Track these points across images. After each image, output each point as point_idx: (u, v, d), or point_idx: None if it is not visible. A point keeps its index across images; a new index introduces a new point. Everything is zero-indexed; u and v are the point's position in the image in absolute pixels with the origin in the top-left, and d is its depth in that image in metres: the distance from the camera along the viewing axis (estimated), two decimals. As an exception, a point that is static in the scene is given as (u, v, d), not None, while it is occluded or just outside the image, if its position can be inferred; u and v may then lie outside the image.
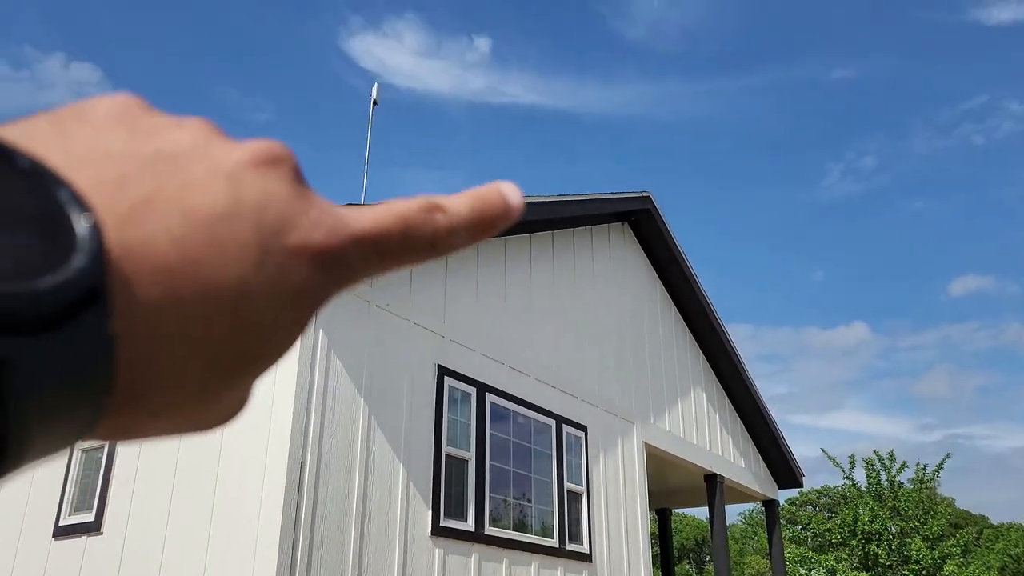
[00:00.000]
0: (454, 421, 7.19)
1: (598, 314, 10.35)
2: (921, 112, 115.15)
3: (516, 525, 7.69)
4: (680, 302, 12.73)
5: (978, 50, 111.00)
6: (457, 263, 7.85)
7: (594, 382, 9.77)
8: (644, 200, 11.32)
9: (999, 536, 53.87)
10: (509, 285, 8.63)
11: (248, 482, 5.58)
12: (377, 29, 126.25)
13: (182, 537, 5.80)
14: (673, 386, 11.93)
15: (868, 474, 20.63)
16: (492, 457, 7.53)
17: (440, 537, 6.67)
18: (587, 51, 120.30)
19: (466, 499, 7.10)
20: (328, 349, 6.02)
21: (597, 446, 9.41)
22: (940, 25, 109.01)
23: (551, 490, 8.35)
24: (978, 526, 56.34)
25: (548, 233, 9.64)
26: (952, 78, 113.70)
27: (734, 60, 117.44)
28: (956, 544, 19.20)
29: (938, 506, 20.06)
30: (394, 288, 6.93)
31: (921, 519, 19.47)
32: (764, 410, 14.18)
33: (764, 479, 14.76)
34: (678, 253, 12.08)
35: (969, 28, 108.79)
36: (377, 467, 6.24)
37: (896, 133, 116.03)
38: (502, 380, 7.99)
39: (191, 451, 6.08)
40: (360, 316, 6.45)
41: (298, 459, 5.52)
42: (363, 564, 5.87)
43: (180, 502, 5.95)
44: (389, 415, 6.49)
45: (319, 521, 5.56)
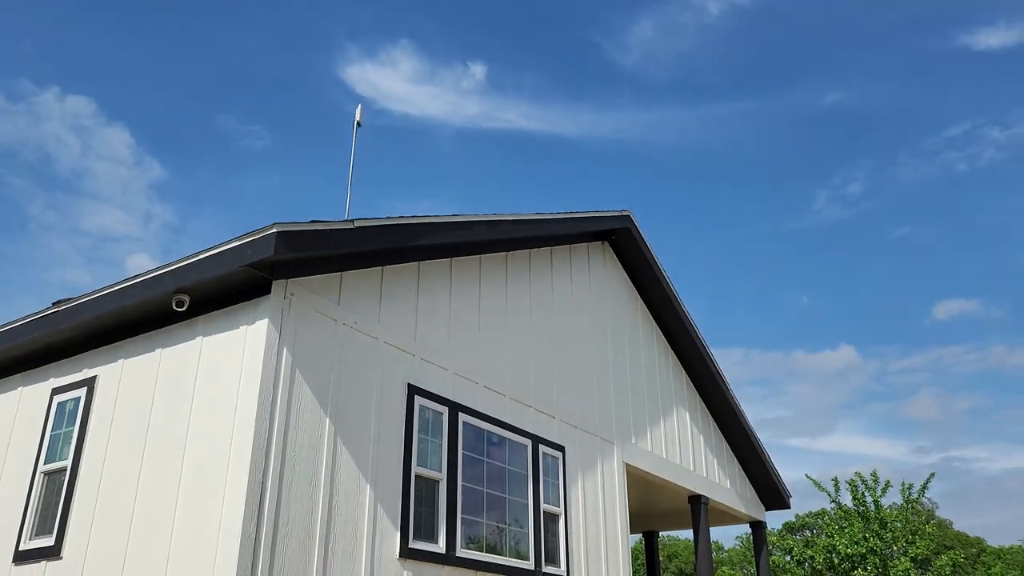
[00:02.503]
0: (425, 441, 7.10)
1: (577, 333, 10.28)
2: (908, 139, 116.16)
3: (490, 547, 7.57)
4: (662, 322, 12.68)
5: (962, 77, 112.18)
6: (430, 281, 7.80)
7: (573, 402, 9.69)
8: (624, 219, 11.30)
9: (999, 558, 53.53)
10: (484, 304, 8.57)
11: (208, 504, 5.47)
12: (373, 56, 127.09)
13: (142, 561, 5.68)
14: (655, 406, 11.85)
15: (853, 496, 20.52)
16: (465, 478, 7.42)
17: (409, 560, 6.55)
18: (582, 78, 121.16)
19: (437, 520, 6.99)
20: (292, 367, 5.94)
21: (576, 467, 9.31)
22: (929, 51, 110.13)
23: (527, 511, 8.23)
24: (975, 548, 55.97)
25: (525, 252, 9.60)
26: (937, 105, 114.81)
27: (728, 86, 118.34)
28: (945, 564, 19.02)
29: (925, 526, 19.90)
30: (363, 306, 6.86)
31: (908, 539, 19.30)
32: (750, 430, 14.08)
33: (750, 500, 14.62)
34: (659, 272, 12.04)
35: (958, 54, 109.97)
36: (343, 488, 6.13)
37: (883, 159, 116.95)
38: (476, 400, 7.90)
39: (153, 473, 5.97)
40: (327, 334, 6.38)
41: (259, 480, 5.41)
42: (327, 587, 5.75)
43: (140, 525, 5.84)
44: (356, 435, 6.40)
45: (280, 544, 5.45)
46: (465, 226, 7.80)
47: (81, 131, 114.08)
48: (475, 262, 8.60)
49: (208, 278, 5.89)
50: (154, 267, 6.22)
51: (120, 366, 6.78)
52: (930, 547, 19.31)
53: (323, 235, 6.00)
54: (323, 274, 6.48)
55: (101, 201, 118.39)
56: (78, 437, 6.73)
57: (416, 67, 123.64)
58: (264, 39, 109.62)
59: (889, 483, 20.36)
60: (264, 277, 5.92)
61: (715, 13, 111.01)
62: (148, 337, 6.66)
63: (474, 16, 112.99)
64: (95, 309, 6.58)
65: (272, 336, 5.82)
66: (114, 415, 6.58)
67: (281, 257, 5.69)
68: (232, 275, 5.88)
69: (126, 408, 6.52)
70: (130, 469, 6.16)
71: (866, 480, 20.52)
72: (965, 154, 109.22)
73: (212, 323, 6.23)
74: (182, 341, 6.38)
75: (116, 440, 6.44)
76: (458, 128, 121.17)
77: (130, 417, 6.43)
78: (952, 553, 20.03)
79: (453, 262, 8.22)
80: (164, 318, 6.52)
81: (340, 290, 6.66)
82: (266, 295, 5.94)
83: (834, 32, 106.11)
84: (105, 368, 6.90)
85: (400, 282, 7.40)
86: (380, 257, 7.09)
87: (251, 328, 5.92)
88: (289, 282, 6.09)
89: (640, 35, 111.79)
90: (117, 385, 6.71)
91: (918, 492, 20.23)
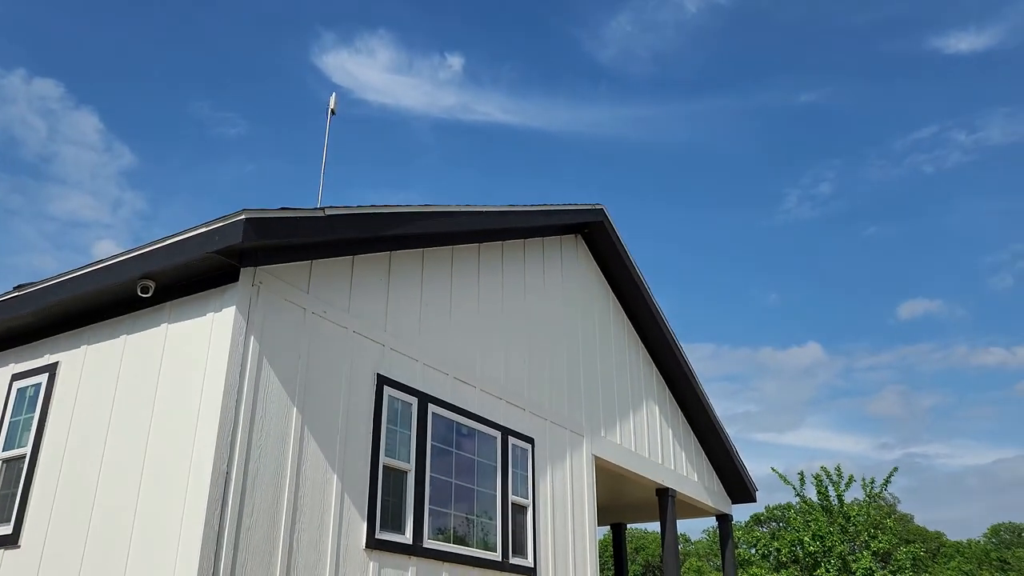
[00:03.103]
0: (394, 432, 7.06)
1: (548, 326, 10.29)
2: (876, 140, 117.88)
3: (457, 538, 7.56)
4: (634, 316, 12.73)
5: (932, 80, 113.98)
6: (401, 272, 7.75)
7: (543, 394, 9.70)
8: (597, 212, 11.31)
9: (958, 552, 54.64)
10: (456, 295, 8.53)
11: (171, 494, 5.39)
12: (350, 45, 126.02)
13: (102, 552, 5.59)
14: (625, 399, 11.90)
15: (818, 490, 20.82)
16: (433, 469, 7.40)
17: (376, 550, 6.52)
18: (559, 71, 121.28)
19: (404, 511, 6.96)
20: (260, 356, 5.86)
21: (545, 459, 9.32)
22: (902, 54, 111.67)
23: (495, 503, 8.23)
24: (935, 543, 57.06)
25: (498, 243, 9.57)
26: (906, 107, 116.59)
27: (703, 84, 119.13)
28: (904, 558, 19.36)
29: (886, 520, 20.25)
30: (333, 295, 6.80)
31: (871, 534, 19.62)
32: (718, 424, 14.21)
33: (717, 494, 14.77)
34: (631, 266, 12.08)
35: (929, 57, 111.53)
36: (310, 478, 6.08)
37: (852, 160, 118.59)
38: (446, 391, 7.88)
39: (115, 462, 5.87)
40: (296, 323, 6.31)
41: (223, 470, 5.34)
42: None
43: (101, 515, 5.74)
44: (324, 425, 6.34)
45: (244, 535, 5.39)
46: (437, 216, 7.76)
47: (48, 115, 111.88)
48: (447, 253, 8.55)
49: (174, 264, 5.79)
50: (119, 252, 6.11)
51: (83, 352, 6.66)
52: (892, 541, 19.65)
53: (292, 223, 5.93)
54: (292, 262, 6.41)
55: (69, 186, 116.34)
56: (38, 424, 6.60)
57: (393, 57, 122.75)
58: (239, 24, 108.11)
59: (852, 478, 20.69)
60: (232, 264, 5.84)
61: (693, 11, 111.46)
62: (112, 323, 6.55)
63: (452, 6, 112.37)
64: (57, 294, 6.45)
65: (239, 324, 5.74)
66: (76, 402, 6.46)
67: (249, 244, 5.61)
68: (199, 261, 5.79)
69: (88, 395, 6.40)
70: (92, 457, 6.06)
71: (831, 475, 20.83)
72: (932, 156, 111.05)
73: (178, 310, 6.13)
74: (147, 328, 6.28)
75: (78, 427, 6.32)
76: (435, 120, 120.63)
77: (92, 404, 6.32)
78: (912, 547, 20.40)
79: (425, 252, 8.17)
80: (129, 304, 6.41)
81: (310, 279, 6.59)
82: (234, 282, 5.86)
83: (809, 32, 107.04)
84: (67, 354, 6.78)
85: (371, 272, 7.34)
86: (351, 246, 7.02)
87: (218, 316, 5.83)
88: (257, 270, 6.01)
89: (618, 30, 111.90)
90: (79, 372, 6.59)
91: (880, 486, 20.57)
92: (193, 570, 5.01)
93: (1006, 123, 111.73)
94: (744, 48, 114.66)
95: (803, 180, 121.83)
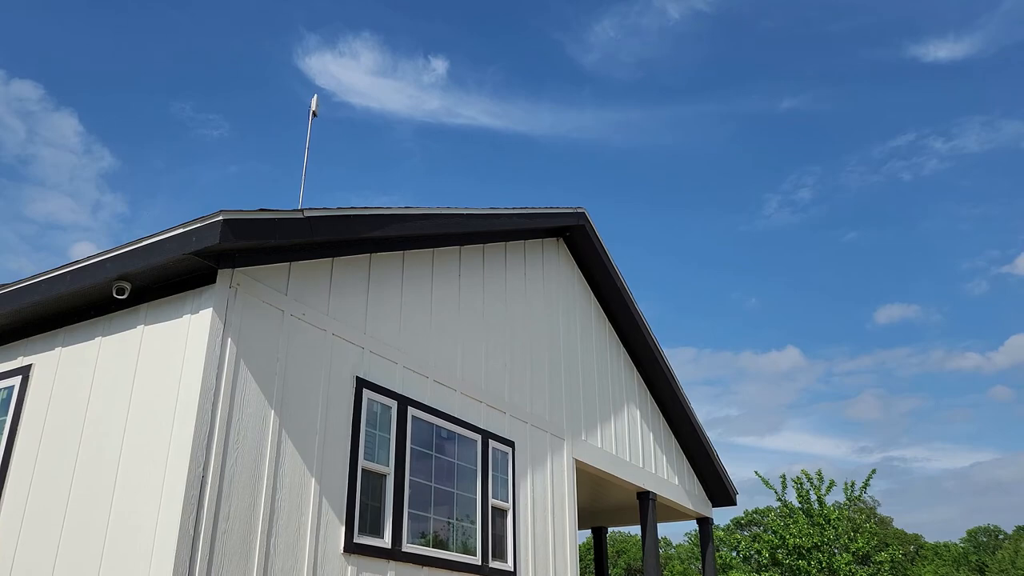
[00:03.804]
0: (372, 435, 7.02)
1: (529, 329, 10.28)
2: (855, 147, 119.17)
3: (437, 542, 7.53)
4: (615, 319, 12.75)
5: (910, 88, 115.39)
6: (381, 274, 7.71)
7: (524, 397, 9.69)
8: (579, 216, 11.33)
9: (937, 555, 55.18)
10: (436, 297, 8.51)
11: (146, 498, 5.33)
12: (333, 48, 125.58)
13: (75, 556, 5.51)
14: (606, 403, 11.91)
15: (799, 493, 20.97)
16: (413, 472, 7.37)
17: (354, 554, 6.47)
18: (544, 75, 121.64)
19: (383, 515, 6.92)
20: (237, 358, 5.81)
21: (525, 462, 9.31)
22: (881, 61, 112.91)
23: (475, 506, 8.20)
24: (912, 545, 57.56)
25: (479, 246, 9.56)
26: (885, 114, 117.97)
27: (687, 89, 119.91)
28: (885, 560, 19.53)
29: (866, 523, 20.41)
30: (311, 298, 6.76)
31: (850, 535, 19.78)
32: (699, 428, 14.25)
33: (698, 497, 14.81)
34: (613, 270, 12.10)
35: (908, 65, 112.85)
36: (287, 481, 6.03)
37: (831, 166, 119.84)
38: (425, 394, 7.85)
39: (89, 465, 5.79)
40: (274, 325, 6.26)
41: (199, 474, 5.29)
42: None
43: (74, 519, 5.66)
44: (302, 428, 6.30)
45: (220, 539, 5.33)
46: (417, 219, 7.73)
47: (27, 116, 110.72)
48: (428, 255, 8.53)
49: (151, 265, 5.73)
50: (95, 253, 6.04)
51: (57, 354, 6.57)
52: (871, 543, 19.81)
53: (270, 224, 5.89)
54: (271, 264, 6.36)
55: (47, 188, 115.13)
56: (11, 427, 6.51)
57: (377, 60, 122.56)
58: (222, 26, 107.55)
59: (833, 482, 20.87)
60: (209, 266, 5.79)
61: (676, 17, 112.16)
62: (87, 325, 6.47)
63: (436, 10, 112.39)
64: (31, 295, 6.37)
65: (216, 326, 5.69)
66: (49, 405, 6.38)
67: (227, 246, 5.56)
68: (176, 263, 5.73)
69: (62, 398, 6.32)
70: (65, 461, 5.98)
71: (812, 478, 20.99)
72: (910, 163, 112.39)
73: (154, 311, 6.07)
74: (123, 330, 6.21)
75: (51, 430, 6.24)
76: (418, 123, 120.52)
77: (66, 407, 6.24)
78: (890, 550, 20.58)
79: (405, 255, 8.15)
80: (104, 306, 6.34)
81: (288, 281, 6.55)
82: (211, 284, 5.81)
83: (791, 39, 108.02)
84: (41, 356, 6.69)
85: (350, 274, 7.30)
86: (330, 248, 6.99)
87: (195, 317, 5.78)
88: (235, 271, 5.96)
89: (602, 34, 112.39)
90: (53, 374, 6.51)
91: (860, 489, 20.77)
92: (168, 574, 4.94)
93: (982, 131, 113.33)
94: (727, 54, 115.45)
95: (783, 186, 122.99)
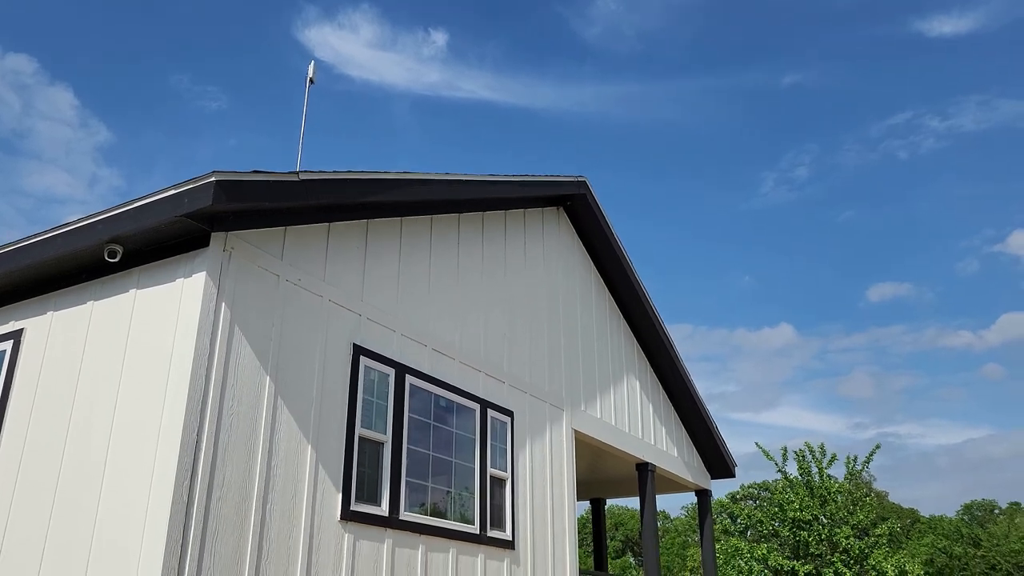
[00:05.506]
0: (370, 403, 6.93)
1: (529, 298, 10.17)
2: (853, 125, 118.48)
3: (434, 511, 7.47)
4: (615, 290, 12.64)
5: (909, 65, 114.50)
6: (379, 241, 7.58)
7: (523, 367, 9.60)
8: (579, 185, 11.17)
9: (932, 528, 55.63)
10: (435, 265, 8.39)
11: (138, 465, 5.24)
12: (332, 19, 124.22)
13: (67, 524, 5.44)
14: (606, 374, 11.83)
15: (800, 466, 20.98)
16: (410, 440, 7.29)
17: (351, 522, 6.41)
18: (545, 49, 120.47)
19: (380, 483, 6.85)
20: (231, 323, 5.70)
21: (524, 432, 9.24)
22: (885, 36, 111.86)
23: (473, 475, 8.14)
24: (909, 519, 57.99)
25: (478, 214, 9.42)
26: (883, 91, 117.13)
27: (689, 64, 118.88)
28: (883, 533, 19.61)
29: (866, 497, 20.47)
30: (308, 263, 6.63)
31: (849, 509, 19.83)
32: (698, 399, 14.20)
33: (697, 469, 14.80)
34: (614, 240, 11.97)
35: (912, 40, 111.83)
36: (283, 448, 5.95)
37: (828, 145, 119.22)
38: (424, 362, 7.75)
39: (81, 431, 5.71)
40: (269, 291, 6.14)
41: (193, 440, 5.20)
42: (264, 548, 5.58)
43: (67, 487, 5.59)
44: (298, 395, 6.20)
45: (214, 506, 5.26)
46: (415, 184, 7.59)
47: (22, 90, 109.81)
48: (426, 222, 8.39)
49: (143, 228, 5.60)
50: (86, 216, 5.90)
51: (49, 319, 6.46)
52: (870, 516, 19.88)
53: (265, 186, 5.75)
54: (266, 228, 6.23)
55: (44, 162, 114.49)
56: (3, 391, 6.41)
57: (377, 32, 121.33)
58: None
59: (835, 456, 20.88)
60: (202, 228, 5.66)
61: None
62: (79, 289, 6.35)
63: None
64: (22, 259, 6.25)
65: (210, 290, 5.57)
66: (41, 370, 6.28)
67: (220, 208, 5.43)
68: (168, 225, 5.60)
69: (54, 362, 6.22)
70: (57, 426, 5.89)
71: (814, 451, 20.98)
72: (907, 142, 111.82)
73: (147, 275, 5.95)
74: (115, 294, 6.09)
75: (43, 395, 6.15)
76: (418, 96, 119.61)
77: (58, 372, 6.14)
78: (889, 523, 20.66)
79: (403, 221, 8.01)
80: (96, 269, 6.22)
81: (284, 245, 6.42)
82: (204, 247, 5.68)
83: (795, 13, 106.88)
84: (32, 321, 6.58)
85: (347, 240, 7.17)
86: (327, 213, 6.85)
87: (188, 281, 5.66)
88: (229, 235, 5.83)
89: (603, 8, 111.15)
90: (45, 339, 6.40)
91: (863, 464, 20.79)
92: (161, 541, 4.88)
93: (978, 111, 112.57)
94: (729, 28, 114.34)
95: (780, 164, 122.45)
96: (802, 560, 19.83)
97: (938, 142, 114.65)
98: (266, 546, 5.61)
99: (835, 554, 19.38)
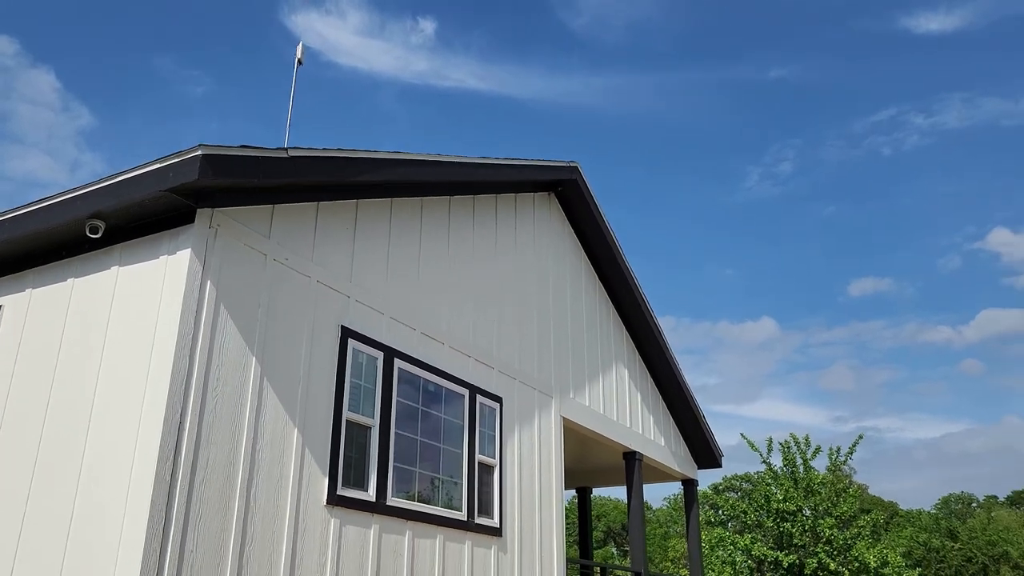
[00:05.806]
0: (358, 386, 6.81)
1: (520, 284, 10.06)
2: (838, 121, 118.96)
3: (422, 496, 7.37)
4: (605, 278, 12.55)
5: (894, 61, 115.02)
6: (368, 222, 7.44)
7: (512, 353, 9.49)
8: (571, 170, 11.05)
9: (910, 521, 56.23)
10: (425, 248, 8.25)
11: (120, 447, 5.10)
12: (320, 5, 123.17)
13: (46, 507, 5.29)
14: (595, 361, 11.75)
15: (784, 457, 21.05)
16: (398, 425, 7.17)
17: (337, 506, 6.29)
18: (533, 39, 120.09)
19: (367, 467, 6.74)
20: (216, 302, 5.55)
21: (513, 418, 9.14)
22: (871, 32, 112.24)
23: (461, 461, 8.04)
24: (888, 512, 58.56)
25: (469, 198, 9.28)
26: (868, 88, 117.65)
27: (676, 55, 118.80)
28: (866, 524, 19.72)
29: (849, 489, 20.57)
30: (296, 242, 6.49)
31: (833, 500, 19.92)
32: (686, 389, 14.16)
33: (684, 459, 14.77)
34: (604, 227, 11.86)
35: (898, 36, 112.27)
36: (268, 431, 5.81)
37: (812, 140, 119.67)
38: (413, 346, 7.63)
39: (61, 412, 5.55)
40: (256, 270, 6.00)
41: (176, 422, 5.06)
42: (248, 532, 5.46)
43: (45, 468, 5.44)
44: (284, 376, 6.07)
45: (197, 490, 5.13)
46: (405, 164, 7.45)
47: (3, 72, 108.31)
48: (416, 204, 8.25)
49: (126, 203, 5.44)
50: (66, 190, 5.73)
51: (28, 296, 6.29)
52: (853, 507, 19.98)
53: (252, 162, 5.59)
54: (253, 206, 6.08)
55: (26, 146, 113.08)
56: (-20, 371, 6.24)
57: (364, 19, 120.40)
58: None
59: (819, 448, 20.96)
60: (187, 204, 5.50)
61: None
62: (59, 265, 6.18)
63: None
64: (0, 234, 6.06)
65: (195, 268, 5.42)
66: (20, 348, 6.11)
67: (206, 183, 5.27)
68: (152, 200, 5.44)
69: (34, 340, 6.05)
70: (36, 406, 5.73)
71: (799, 443, 21.05)
72: (890, 138, 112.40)
73: (130, 252, 5.79)
74: (96, 271, 5.92)
75: (22, 374, 5.98)
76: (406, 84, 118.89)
77: (38, 350, 5.97)
78: (872, 514, 20.78)
79: (393, 203, 7.87)
80: (77, 245, 6.04)
81: (271, 224, 6.27)
82: (189, 224, 5.53)
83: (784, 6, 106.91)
84: (11, 298, 6.40)
85: (336, 220, 7.03)
86: (315, 191, 6.70)
87: (172, 259, 5.51)
88: (215, 211, 5.67)
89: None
90: (24, 316, 6.23)
91: (846, 455, 20.89)
92: (142, 525, 4.74)
93: (962, 108, 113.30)
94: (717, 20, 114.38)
95: (765, 158, 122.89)
96: (785, 551, 19.91)
97: (922, 139, 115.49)
98: (251, 530, 5.48)
99: (818, 545, 19.48)
